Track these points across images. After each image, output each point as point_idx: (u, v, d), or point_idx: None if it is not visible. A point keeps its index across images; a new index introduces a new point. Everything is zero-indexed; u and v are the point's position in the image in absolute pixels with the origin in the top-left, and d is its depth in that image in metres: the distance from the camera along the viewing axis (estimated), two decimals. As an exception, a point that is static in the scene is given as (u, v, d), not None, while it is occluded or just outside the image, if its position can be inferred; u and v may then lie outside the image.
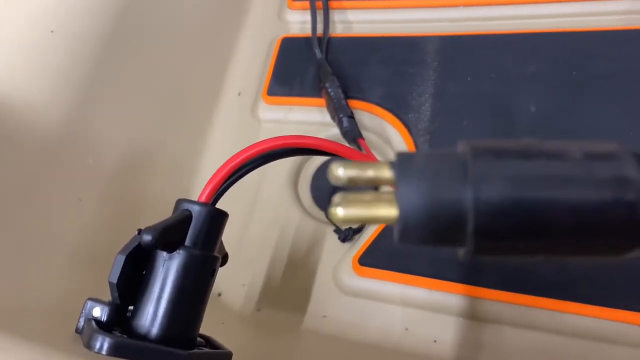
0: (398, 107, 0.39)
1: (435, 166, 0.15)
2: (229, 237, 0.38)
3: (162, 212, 0.35)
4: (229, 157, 0.41)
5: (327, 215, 0.38)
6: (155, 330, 0.19)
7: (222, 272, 0.25)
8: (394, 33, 0.42)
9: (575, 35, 0.37)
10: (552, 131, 0.34)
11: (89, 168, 0.33)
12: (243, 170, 0.22)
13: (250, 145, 0.22)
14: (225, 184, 0.21)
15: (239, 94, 0.45)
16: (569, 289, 0.30)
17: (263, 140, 0.22)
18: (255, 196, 0.40)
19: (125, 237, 0.25)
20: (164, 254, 0.19)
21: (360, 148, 0.36)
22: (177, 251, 0.19)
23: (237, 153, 0.22)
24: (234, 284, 0.37)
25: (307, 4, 0.45)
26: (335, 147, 0.24)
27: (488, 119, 0.36)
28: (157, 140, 0.39)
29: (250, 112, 0.44)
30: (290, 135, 0.23)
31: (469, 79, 0.38)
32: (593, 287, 0.30)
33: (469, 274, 0.32)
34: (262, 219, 0.39)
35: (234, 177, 0.22)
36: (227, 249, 0.26)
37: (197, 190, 0.41)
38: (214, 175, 0.21)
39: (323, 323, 0.34)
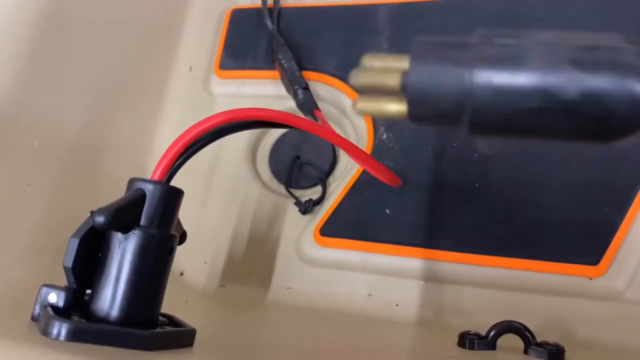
0: (352, 77, 0.39)
1: (445, 51, 0.17)
2: (187, 215, 0.37)
3: (117, 193, 0.34)
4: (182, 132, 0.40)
5: (287, 188, 0.38)
6: (114, 313, 0.18)
7: (182, 251, 0.25)
8: (346, 2, 0.42)
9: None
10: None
11: (35, 152, 0.31)
12: (196, 146, 0.22)
13: (202, 120, 0.21)
14: (178, 161, 0.21)
15: (190, 69, 0.44)
16: (520, 247, 0.31)
17: (215, 115, 0.22)
18: (213, 172, 0.40)
19: (79, 220, 0.24)
20: (119, 235, 0.19)
21: (316, 119, 0.36)
22: (133, 231, 0.19)
23: (189, 129, 0.21)
24: (196, 262, 0.37)
25: (256, -27, 0.44)
26: (290, 118, 0.23)
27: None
28: (107, 120, 0.38)
29: (203, 87, 0.43)
30: (243, 109, 0.22)
31: (420, 46, 0.38)
32: (541, 244, 0.31)
33: (427, 238, 0.33)
34: (220, 195, 0.39)
35: (187, 153, 0.21)
36: (186, 227, 0.26)
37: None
38: (166, 153, 0.21)
39: (288, 295, 0.34)
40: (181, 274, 0.36)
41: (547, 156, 0.33)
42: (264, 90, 0.41)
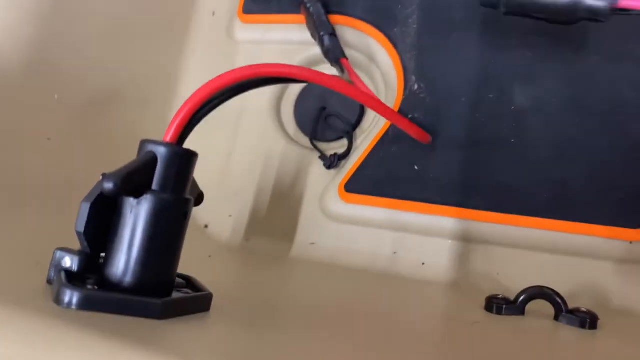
0: (383, 21, 0.36)
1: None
2: (211, 168, 0.37)
3: (136, 147, 0.34)
4: (205, 81, 0.39)
5: (312, 141, 0.37)
6: (128, 279, 0.18)
7: (207, 204, 0.24)
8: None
9: None
10: (550, 38, 0.32)
11: (55, 104, 0.31)
12: (211, 105, 0.20)
13: (218, 77, 0.20)
14: (193, 120, 0.20)
15: (213, 13, 0.42)
16: (556, 208, 0.29)
17: (231, 71, 0.20)
18: (237, 124, 0.38)
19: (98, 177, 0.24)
20: (132, 199, 0.18)
21: (343, 69, 0.34)
22: (145, 196, 0.18)
23: (203, 86, 0.20)
24: (221, 216, 0.36)
25: None
26: (312, 75, 0.22)
27: (476, 31, 0.34)
28: (128, 67, 0.37)
29: (226, 32, 0.41)
30: (262, 64, 0.21)
31: (458, -13, 0.35)
32: (579, 205, 0.29)
33: (457, 197, 0.31)
34: (245, 148, 0.38)
35: (201, 113, 0.20)
36: (210, 180, 0.25)
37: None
38: (178, 113, 0.20)
39: (312, 250, 0.34)
40: (206, 226, 0.36)
41: (593, 110, 0.30)
42: (289, 36, 0.39)
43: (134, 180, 0.18)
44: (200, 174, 0.22)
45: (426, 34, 0.35)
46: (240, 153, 0.38)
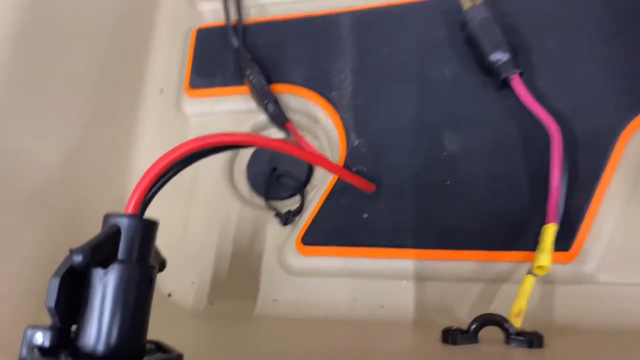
0: (321, 87, 0.40)
1: None
2: (170, 237, 0.38)
3: (98, 225, 0.35)
4: (158, 156, 0.40)
5: (267, 201, 0.39)
6: (101, 347, 0.19)
7: (169, 273, 0.25)
8: (308, 13, 0.42)
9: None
10: (468, 92, 0.36)
11: (9, 190, 0.32)
12: (168, 175, 0.22)
13: (171, 150, 0.22)
14: (150, 192, 0.22)
15: (161, 90, 0.44)
16: (494, 239, 0.32)
17: (184, 143, 0.22)
18: (192, 192, 0.40)
19: (61, 256, 0.25)
20: (99, 270, 0.20)
21: (288, 132, 0.37)
22: (112, 266, 0.20)
23: (158, 160, 0.22)
24: (183, 283, 0.37)
25: (218, -9, 0.45)
26: (257, 140, 0.24)
27: (407, 87, 0.37)
28: (81, 152, 0.38)
29: (175, 107, 0.43)
30: (210, 135, 0.23)
31: (384, 50, 0.39)
32: (514, 235, 0.32)
33: (405, 238, 0.33)
34: (201, 214, 0.39)
35: (159, 184, 0.22)
36: (170, 248, 0.26)
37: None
38: (138, 185, 0.21)
39: (275, 306, 0.35)
40: (169, 295, 0.37)
41: (513, 151, 0.34)
42: (235, 106, 0.42)
43: (101, 251, 0.19)
44: (160, 243, 0.23)
45: (360, 95, 0.38)
46: (197, 219, 0.39)
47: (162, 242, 0.23)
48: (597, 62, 0.34)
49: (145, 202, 0.21)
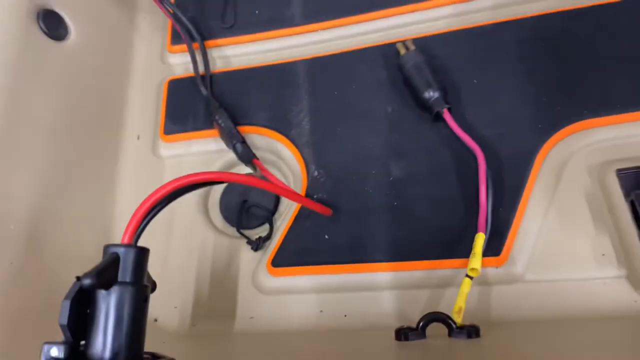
0: (282, 126, 0.45)
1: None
2: (154, 267, 0.42)
3: (86, 259, 0.39)
4: (140, 199, 0.45)
5: (238, 230, 0.43)
6: (107, 356, 0.23)
7: (154, 300, 0.29)
8: (267, 62, 0.48)
9: (418, 41, 0.45)
10: (408, 125, 0.42)
11: (12, 233, 0.35)
12: (156, 210, 0.27)
13: (158, 188, 0.27)
14: (142, 225, 0.26)
15: (138, 137, 0.49)
16: (437, 250, 0.37)
17: (168, 183, 0.27)
18: (171, 226, 0.44)
19: (60, 293, 0.29)
20: (103, 291, 0.24)
21: (256, 168, 0.42)
22: (113, 287, 0.24)
23: (148, 197, 0.26)
24: (167, 308, 0.41)
25: (186, 46, 0.50)
26: (229, 176, 0.29)
27: (356, 123, 0.43)
28: (66, 197, 0.42)
29: (152, 152, 0.48)
30: (190, 175, 0.28)
31: (335, 92, 0.45)
32: (454, 245, 0.37)
33: (361, 255, 0.38)
34: (180, 245, 0.44)
35: (148, 217, 0.26)
36: (154, 277, 0.30)
37: (116, 233, 0.44)
38: (131, 220, 0.26)
39: (251, 323, 0.39)
40: (155, 320, 0.41)
41: (448, 173, 0.39)
42: (207, 147, 0.47)
43: (104, 275, 0.24)
44: None
45: (317, 132, 0.44)
46: (177, 250, 0.43)
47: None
48: (514, 94, 0.41)
49: (138, 233, 0.26)
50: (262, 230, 0.43)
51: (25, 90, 0.41)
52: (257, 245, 0.42)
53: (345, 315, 0.38)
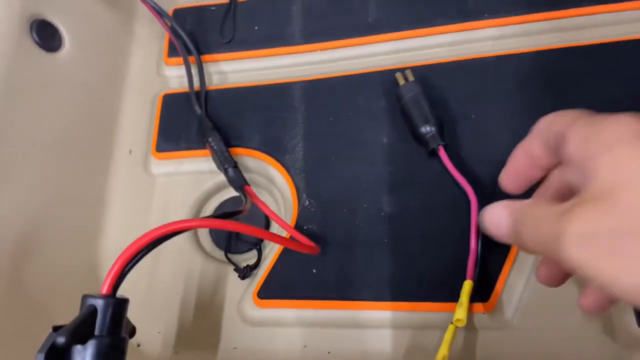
0: (275, 151, 0.44)
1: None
2: (138, 289, 0.42)
3: (73, 280, 0.38)
4: (129, 215, 0.44)
5: (226, 255, 0.43)
6: (80, 412, 0.23)
7: (138, 323, 0.29)
8: (264, 81, 0.47)
9: (418, 69, 0.44)
10: (402, 159, 0.41)
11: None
12: (136, 259, 0.26)
13: (138, 238, 0.26)
14: (121, 275, 0.25)
15: (130, 151, 0.48)
16: (427, 292, 0.37)
17: (149, 231, 0.27)
18: (158, 248, 0.44)
19: (42, 314, 0.28)
20: (78, 346, 0.23)
21: (246, 195, 0.41)
22: (90, 341, 0.23)
23: (128, 247, 0.26)
24: (150, 333, 0.41)
25: (182, 59, 0.49)
26: (213, 223, 0.29)
27: (350, 154, 0.42)
28: (58, 208, 0.42)
29: (143, 168, 0.47)
30: (172, 223, 0.27)
31: (330, 119, 0.44)
32: (443, 288, 0.37)
33: (348, 291, 0.38)
34: (167, 268, 0.43)
35: (129, 266, 0.26)
36: (138, 300, 0.30)
37: (104, 252, 0.44)
38: (111, 269, 0.25)
39: (234, 355, 0.39)
40: (138, 345, 0.41)
41: (440, 212, 0.39)
42: (198, 167, 0.46)
43: (80, 331, 0.23)
44: (129, 296, 0.27)
45: (310, 159, 0.43)
46: (163, 273, 0.43)
47: (131, 295, 0.27)
48: (511, 131, 0.40)
49: (117, 282, 0.25)
50: (251, 257, 0.43)
51: (16, 103, 0.40)
52: (244, 273, 0.41)
53: (329, 352, 0.38)
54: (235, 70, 0.49)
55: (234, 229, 0.30)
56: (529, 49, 0.42)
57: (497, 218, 0.26)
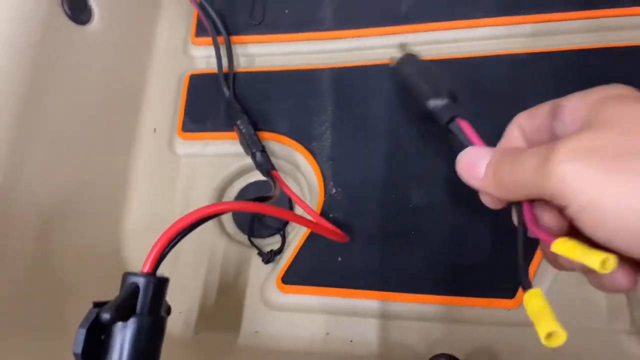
0: (303, 137, 0.44)
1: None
2: (161, 270, 0.41)
3: (96, 256, 0.38)
4: (152, 195, 0.44)
5: (250, 239, 0.43)
6: (120, 388, 0.23)
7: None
8: (293, 66, 0.47)
9: (452, 62, 0.44)
10: (432, 151, 0.41)
11: (23, 223, 0.35)
12: (177, 239, 0.26)
13: (179, 220, 0.26)
14: (163, 254, 0.25)
15: (155, 130, 0.48)
16: (452, 285, 0.37)
17: (192, 212, 0.26)
18: (182, 228, 0.44)
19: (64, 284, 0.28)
20: (120, 323, 0.23)
21: (274, 179, 0.41)
22: (131, 319, 0.23)
23: (170, 226, 0.26)
24: (172, 313, 0.40)
25: (211, 39, 0.48)
26: (245, 206, 0.29)
27: (379, 143, 0.42)
28: (82, 185, 0.41)
29: (168, 147, 0.47)
30: (209, 206, 0.27)
31: (360, 107, 0.44)
32: (469, 282, 0.37)
33: (373, 281, 0.38)
34: (190, 249, 0.43)
35: (170, 246, 0.26)
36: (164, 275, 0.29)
37: (127, 230, 0.44)
38: (153, 248, 0.25)
39: (256, 338, 0.39)
40: (158, 324, 0.40)
41: (470, 207, 0.39)
42: (224, 150, 0.46)
43: (124, 308, 0.23)
44: None
45: (338, 147, 0.43)
46: (186, 254, 0.43)
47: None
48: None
49: (158, 263, 0.25)
50: (275, 242, 0.43)
51: (48, 75, 0.39)
52: (268, 258, 0.41)
53: (351, 341, 0.38)
54: (264, 53, 0.49)
55: (272, 213, 0.29)
56: (564, 47, 0.42)
57: (475, 159, 0.26)
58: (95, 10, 0.45)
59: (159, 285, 0.25)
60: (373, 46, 0.47)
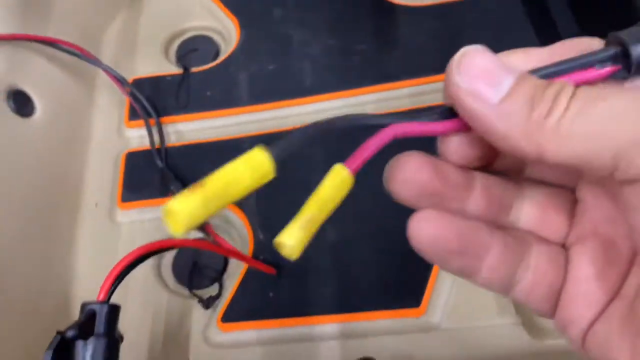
0: (231, 195, 0.50)
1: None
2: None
3: (47, 323, 0.41)
4: (98, 260, 0.48)
5: (190, 290, 0.47)
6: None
7: None
8: (219, 137, 0.54)
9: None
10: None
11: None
12: (126, 272, 0.31)
13: (129, 253, 0.31)
14: (114, 284, 0.30)
15: (96, 205, 0.53)
16: (367, 302, 0.43)
17: (138, 248, 0.32)
18: (126, 288, 0.48)
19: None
20: (81, 342, 0.28)
21: (207, 233, 0.47)
22: (90, 339, 0.28)
23: (119, 261, 0.31)
24: (122, 365, 0.44)
25: (143, 121, 0.55)
26: (183, 242, 0.34)
27: (298, 194, 0.49)
28: (25, 259, 0.45)
29: (109, 219, 0.52)
30: (153, 243, 0.33)
31: (280, 165, 0.51)
32: (380, 297, 0.44)
33: (300, 309, 0.44)
34: (135, 306, 0.47)
35: (120, 278, 0.31)
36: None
37: (76, 292, 0.47)
38: (105, 280, 0.30)
39: (203, 377, 0.43)
40: (109, 378, 0.44)
41: (375, 239, 0.46)
42: (161, 214, 0.51)
43: (85, 327, 0.28)
44: None
45: (263, 201, 0.50)
46: (131, 310, 0.47)
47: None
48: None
49: (111, 292, 0.30)
50: (214, 290, 0.48)
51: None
52: (207, 303, 0.46)
53: (288, 365, 0.43)
54: (192, 129, 0.56)
55: (211, 249, 0.35)
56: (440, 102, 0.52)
57: (495, 66, 0.17)
58: (37, 105, 0.51)
59: (113, 310, 0.30)
60: (287, 115, 0.55)
